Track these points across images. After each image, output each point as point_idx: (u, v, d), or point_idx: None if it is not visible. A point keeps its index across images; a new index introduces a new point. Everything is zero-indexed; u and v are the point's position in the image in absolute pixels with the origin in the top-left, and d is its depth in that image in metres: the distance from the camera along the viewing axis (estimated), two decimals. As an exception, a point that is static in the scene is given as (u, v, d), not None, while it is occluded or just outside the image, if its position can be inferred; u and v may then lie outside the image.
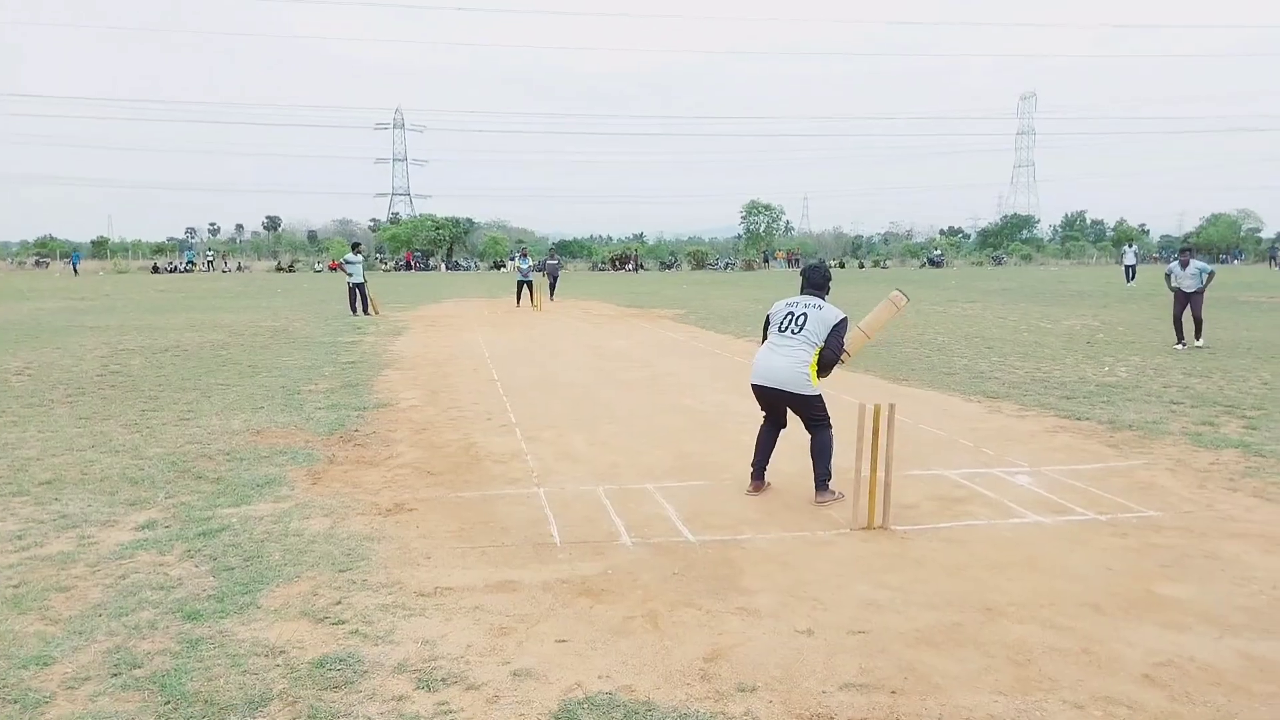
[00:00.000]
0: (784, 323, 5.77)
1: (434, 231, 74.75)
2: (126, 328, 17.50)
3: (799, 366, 5.63)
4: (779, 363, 5.68)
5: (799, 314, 5.74)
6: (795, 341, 5.67)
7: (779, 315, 5.83)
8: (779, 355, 5.70)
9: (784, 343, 5.71)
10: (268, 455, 6.83)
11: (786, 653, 3.55)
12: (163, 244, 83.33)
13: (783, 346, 5.71)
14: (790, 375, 5.63)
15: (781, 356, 5.68)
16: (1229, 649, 3.61)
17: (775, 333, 5.80)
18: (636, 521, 5.27)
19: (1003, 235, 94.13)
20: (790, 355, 5.65)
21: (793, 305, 5.82)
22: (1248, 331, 16.31)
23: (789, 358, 5.66)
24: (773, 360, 5.72)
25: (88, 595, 4.13)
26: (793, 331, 5.70)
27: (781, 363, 5.67)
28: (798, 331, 5.68)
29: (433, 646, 3.61)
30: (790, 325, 5.73)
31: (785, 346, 5.70)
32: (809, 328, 5.67)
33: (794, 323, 5.72)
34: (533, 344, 15.22)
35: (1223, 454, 6.87)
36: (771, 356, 5.74)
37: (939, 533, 5.10)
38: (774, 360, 5.71)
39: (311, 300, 27.61)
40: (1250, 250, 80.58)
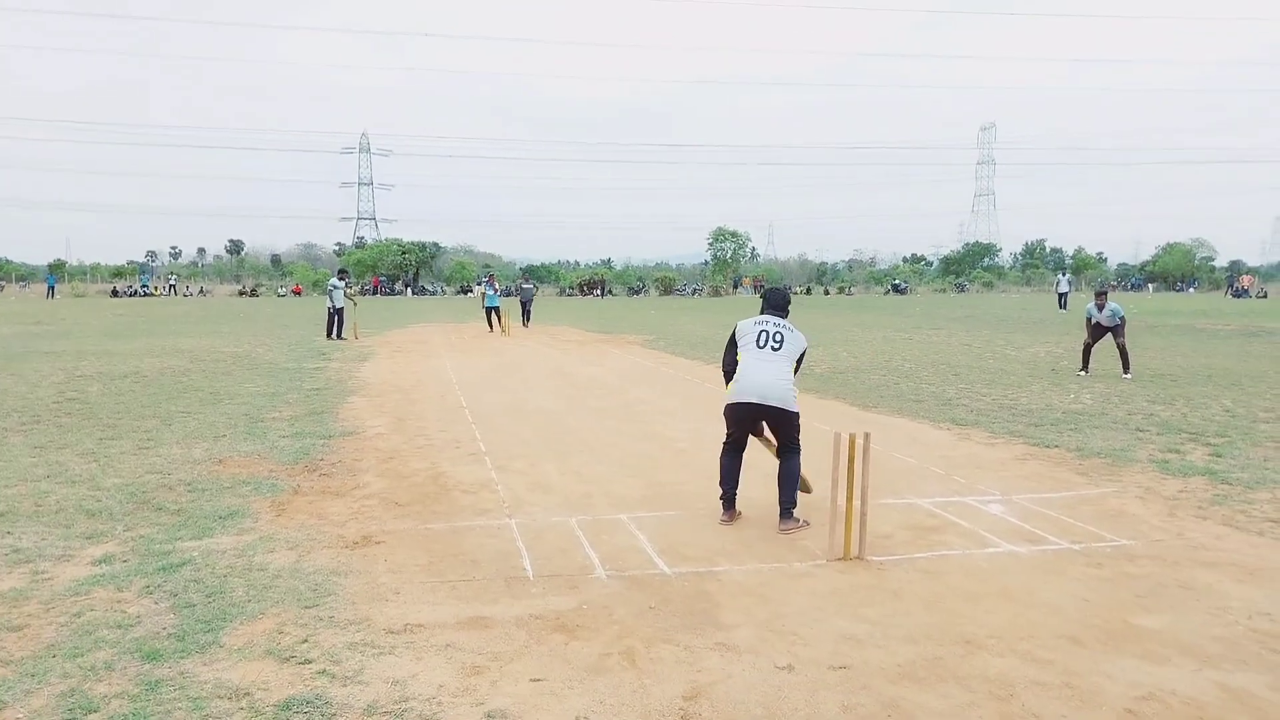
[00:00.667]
0: (760, 339, 5.77)
1: (400, 256, 74.38)
2: (84, 353, 17.12)
3: (786, 383, 5.66)
4: (768, 379, 5.65)
5: (774, 332, 5.76)
6: (779, 359, 5.70)
7: (750, 333, 5.83)
8: (767, 373, 5.67)
9: (769, 359, 5.70)
10: (230, 486, 6.66)
11: (767, 690, 3.48)
12: (122, 267, 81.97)
13: (769, 363, 5.69)
14: (781, 392, 5.64)
15: (769, 374, 5.66)
16: (1208, 681, 3.59)
17: (754, 349, 5.77)
18: (610, 553, 5.19)
19: (965, 263, 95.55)
20: (778, 372, 5.67)
21: (762, 324, 5.83)
22: (1207, 359, 16.60)
23: (777, 374, 5.66)
24: (767, 379, 5.66)
25: (41, 634, 3.96)
26: (773, 348, 5.71)
27: (770, 379, 5.65)
28: (778, 348, 5.71)
29: (403, 687, 3.49)
30: (769, 342, 5.74)
31: (771, 363, 5.69)
32: (786, 348, 5.73)
33: (771, 340, 5.74)
34: (501, 370, 15.10)
35: (1190, 481, 6.93)
36: (759, 374, 5.68)
37: (915, 563, 5.07)
38: (763, 377, 5.67)
39: (275, 325, 27.25)
40: (1204, 279, 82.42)
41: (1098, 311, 14.08)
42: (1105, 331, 14.11)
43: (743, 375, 5.76)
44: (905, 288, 74.49)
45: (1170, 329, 24.96)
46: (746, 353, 5.81)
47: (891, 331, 24.68)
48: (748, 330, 5.87)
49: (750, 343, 5.82)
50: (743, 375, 5.76)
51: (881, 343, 20.88)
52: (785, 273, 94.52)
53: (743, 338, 5.87)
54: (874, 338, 22.57)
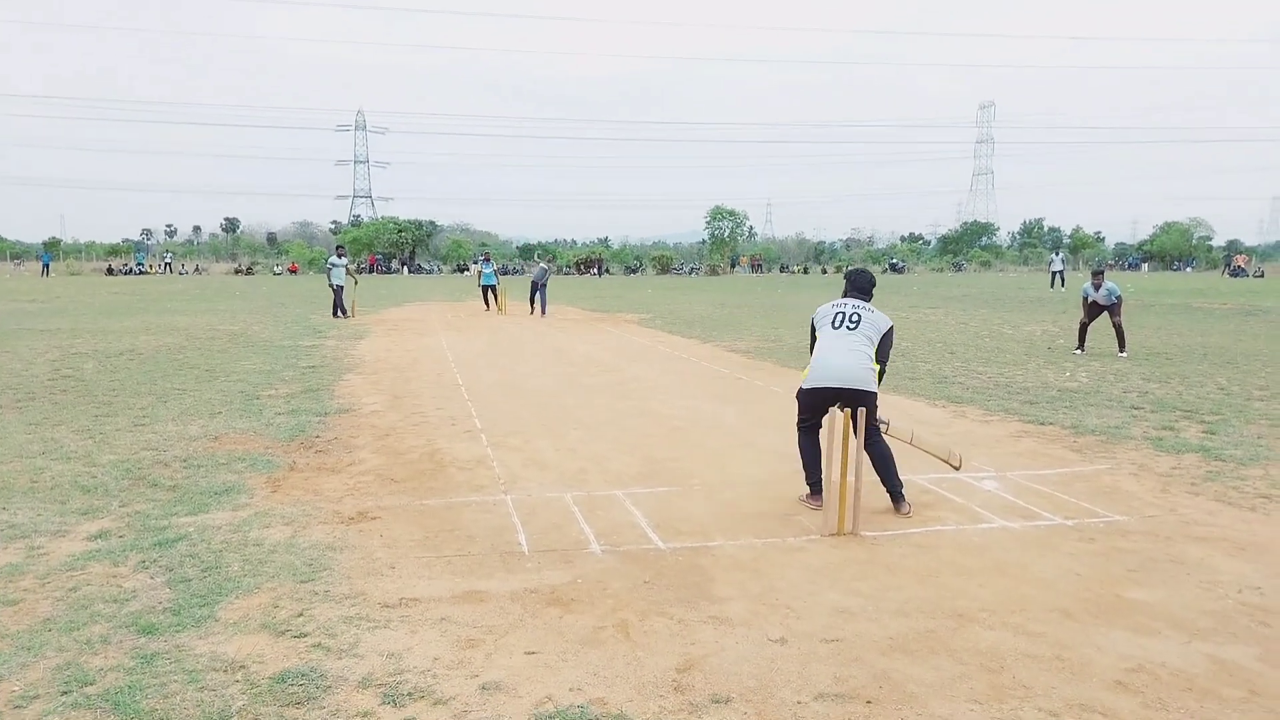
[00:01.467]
0: (836, 321, 5.60)
1: (396, 234, 74.02)
2: (79, 331, 17.08)
3: (866, 363, 5.45)
4: (849, 361, 5.44)
5: (850, 313, 5.59)
6: (857, 339, 5.50)
7: (827, 316, 5.67)
8: (846, 354, 5.46)
9: (847, 340, 5.51)
10: (226, 462, 6.67)
11: (760, 662, 3.50)
12: (117, 245, 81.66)
13: (847, 344, 5.49)
14: (862, 374, 5.42)
15: (848, 355, 5.45)
16: (1198, 654, 3.62)
17: (830, 330, 5.59)
18: (605, 528, 5.20)
19: (962, 242, 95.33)
20: (857, 353, 5.46)
21: (840, 306, 5.67)
22: (1202, 338, 16.62)
23: (856, 354, 5.45)
24: (843, 359, 5.45)
25: (37, 609, 3.97)
26: (848, 328, 5.54)
27: (851, 361, 5.44)
28: (854, 328, 5.53)
29: (398, 660, 3.51)
30: (845, 323, 5.56)
31: (850, 344, 5.49)
32: (864, 327, 5.53)
33: (848, 320, 5.56)
34: (497, 348, 15.09)
35: (1184, 458, 6.95)
36: (838, 356, 5.47)
37: (909, 538, 5.09)
38: (843, 359, 5.45)
39: (271, 303, 27.18)
40: (1202, 258, 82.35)
41: (1094, 290, 14.09)
42: (1102, 310, 14.12)
43: (818, 358, 5.57)
44: (903, 267, 74.36)
45: (1166, 308, 24.97)
46: (823, 334, 5.64)
47: (888, 310, 24.61)
48: (825, 313, 5.71)
49: (826, 324, 5.65)
50: (818, 358, 5.57)
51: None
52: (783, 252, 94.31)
53: (820, 321, 5.71)
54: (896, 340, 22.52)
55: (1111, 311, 13.95)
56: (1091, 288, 14.16)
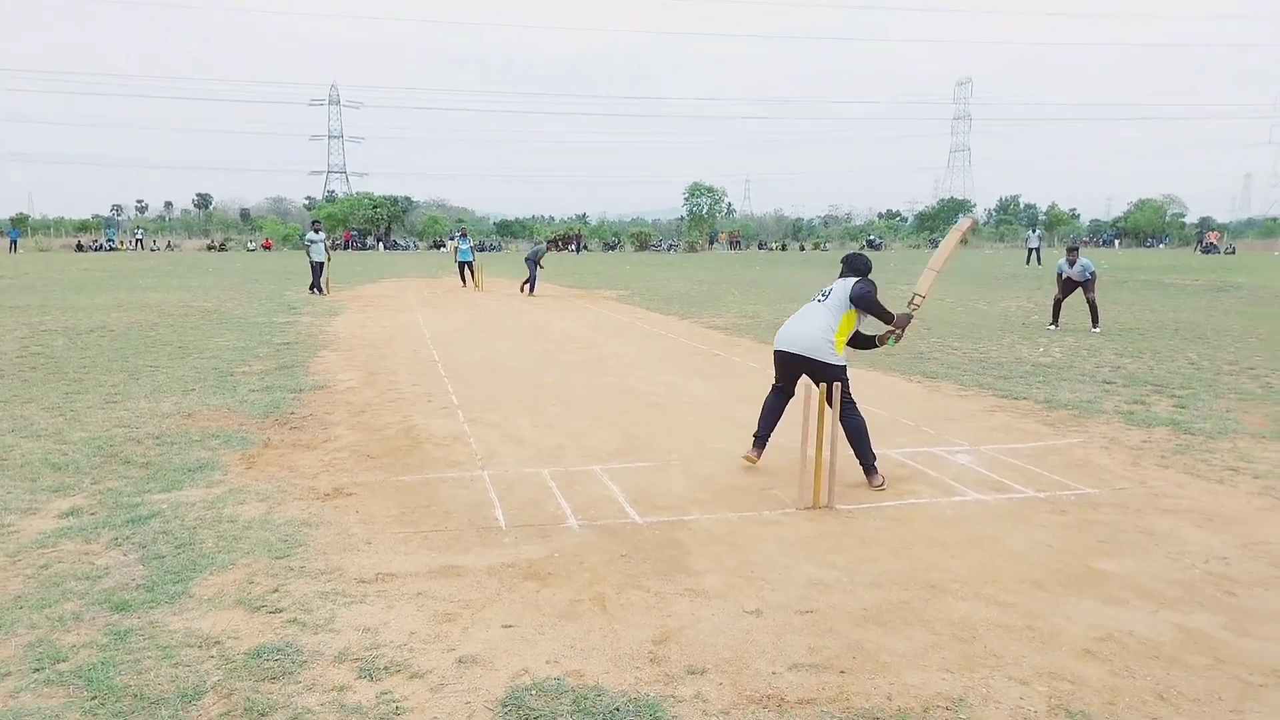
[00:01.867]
0: (818, 296, 5.81)
1: (371, 210, 73.38)
2: (49, 307, 16.83)
3: (822, 333, 5.58)
4: (803, 329, 5.68)
5: (828, 289, 5.79)
6: (819, 309, 5.69)
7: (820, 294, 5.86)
8: (803, 321, 5.72)
9: (809, 310, 5.77)
10: (200, 439, 6.61)
11: (735, 634, 3.53)
12: (87, 221, 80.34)
13: (808, 312, 5.76)
14: (812, 342, 5.58)
15: (805, 322, 5.70)
16: (1165, 622, 3.68)
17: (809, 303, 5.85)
18: (583, 503, 5.21)
19: (939, 218, 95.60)
20: (813, 322, 5.65)
21: (825, 287, 5.86)
22: (1174, 313, 16.82)
23: (811, 323, 5.65)
24: (799, 326, 5.72)
25: (7, 586, 3.93)
26: (819, 300, 5.75)
27: (804, 329, 5.66)
28: (824, 299, 5.72)
29: (374, 634, 3.51)
30: (817, 296, 5.81)
31: (811, 312, 5.73)
32: (831, 300, 5.69)
33: (820, 293, 5.80)
34: (474, 325, 15.02)
35: (1154, 432, 7.05)
36: (796, 323, 5.77)
37: (883, 511, 5.14)
38: (799, 326, 5.72)
39: (244, 280, 26.90)
40: (1175, 234, 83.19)
41: (1069, 267, 14.21)
42: (1076, 286, 14.24)
43: (784, 325, 5.88)
44: (880, 244, 74.59)
45: (1139, 284, 25.23)
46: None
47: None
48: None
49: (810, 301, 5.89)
50: (784, 325, 5.88)
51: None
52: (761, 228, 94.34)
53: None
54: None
55: (1085, 287, 14.07)
56: (1066, 264, 14.28)
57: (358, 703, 3.00)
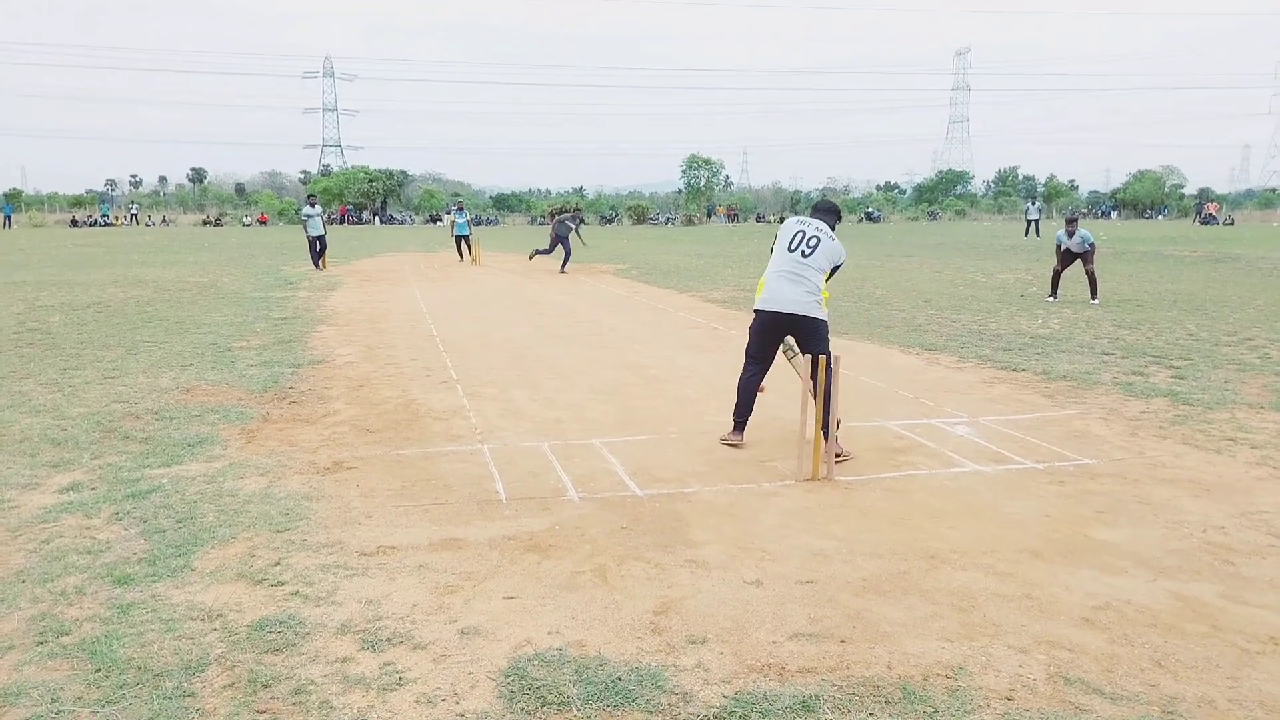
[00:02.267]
0: (795, 241, 5.73)
1: (367, 184, 72.90)
2: (44, 283, 16.77)
3: (813, 294, 5.64)
4: (794, 291, 5.65)
5: (810, 235, 5.71)
6: (807, 269, 5.65)
7: (789, 232, 5.80)
8: (792, 284, 5.66)
9: (796, 268, 5.68)
10: (199, 414, 6.61)
11: (736, 604, 3.55)
12: (81, 196, 79.87)
13: (795, 273, 5.67)
14: (805, 301, 5.63)
15: (795, 285, 5.65)
16: (1163, 591, 3.71)
17: (785, 253, 5.73)
18: (583, 476, 5.22)
19: (938, 191, 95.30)
20: (804, 284, 5.64)
21: (803, 225, 5.80)
22: (1173, 284, 16.80)
23: (802, 286, 5.64)
24: (787, 289, 5.67)
25: (9, 561, 3.94)
26: (804, 253, 5.68)
27: (796, 291, 5.65)
28: (809, 254, 5.67)
29: (377, 606, 3.52)
30: (802, 245, 5.70)
31: (798, 274, 5.67)
32: (818, 256, 5.68)
33: (805, 243, 5.70)
34: (472, 299, 14.99)
35: (1152, 403, 7.06)
36: (786, 285, 5.68)
37: (882, 483, 5.15)
38: (789, 289, 5.67)
39: (240, 255, 26.79)
40: (1174, 206, 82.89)
41: (1067, 238, 14.17)
42: (1075, 258, 14.21)
43: (770, 282, 5.77)
44: (878, 216, 74.30)
45: (1138, 255, 25.19)
46: (779, 253, 5.79)
47: (864, 259, 24.69)
48: (788, 228, 5.86)
49: (784, 244, 5.78)
50: (770, 282, 5.77)
51: (854, 270, 20.91)
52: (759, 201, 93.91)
53: (781, 236, 5.85)
54: (846, 265, 22.59)
55: (1084, 259, 14.04)
56: (1065, 235, 14.24)
57: (361, 674, 3.02)
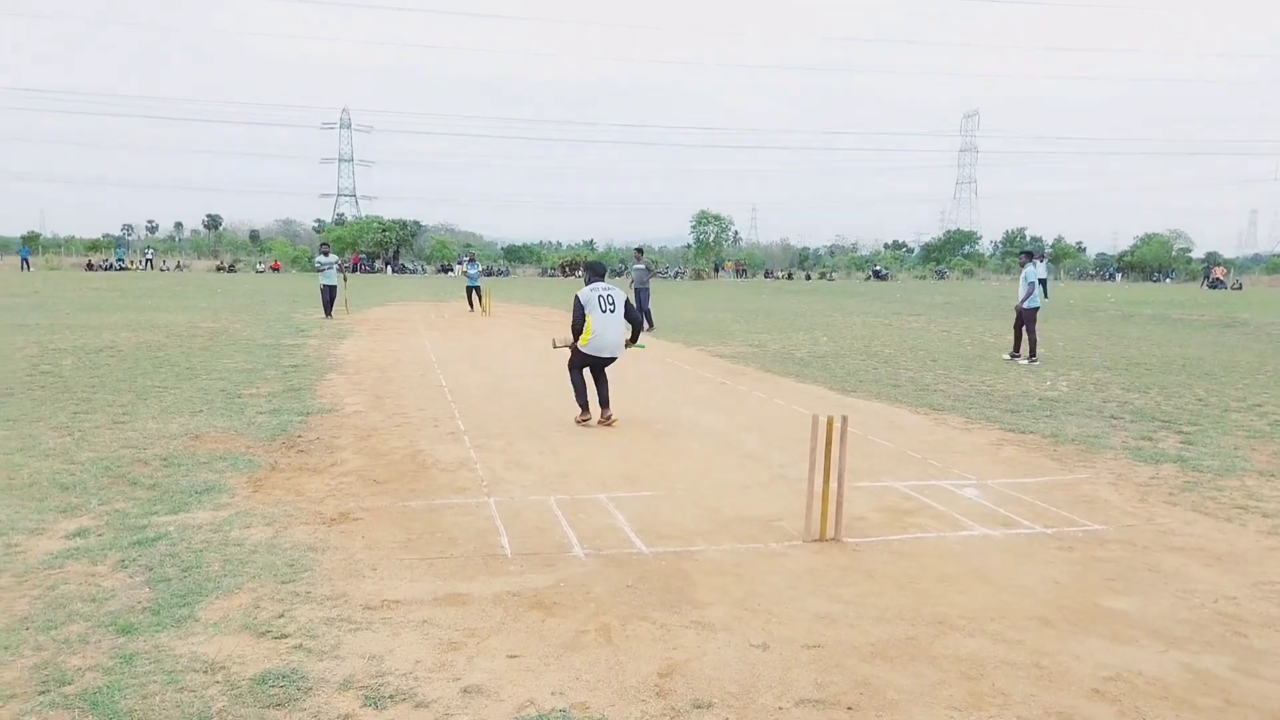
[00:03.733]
0: (602, 305, 8.25)
1: (380, 234, 73.73)
2: (58, 326, 16.92)
3: (625, 335, 8.47)
4: (617, 340, 8.39)
5: (607, 296, 8.29)
6: (618, 319, 8.33)
7: (593, 301, 8.24)
8: (616, 334, 8.35)
9: (614, 321, 8.31)
10: (207, 461, 6.63)
11: (741, 668, 3.52)
12: (98, 240, 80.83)
13: (616, 326, 8.33)
14: (623, 344, 8.50)
15: (617, 334, 8.36)
16: (1174, 662, 3.66)
17: (599, 313, 8.23)
18: (588, 532, 5.21)
19: (945, 250, 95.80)
20: (620, 330, 8.39)
21: (597, 290, 8.30)
22: (1181, 349, 16.80)
23: (620, 332, 8.39)
24: (615, 337, 8.35)
25: (14, 607, 3.94)
26: (610, 311, 8.28)
27: (618, 339, 8.40)
28: (614, 311, 8.30)
29: (380, 662, 3.50)
30: (607, 306, 8.27)
31: (616, 325, 8.33)
32: (618, 309, 8.33)
33: (609, 303, 8.27)
34: (480, 350, 15.06)
35: (1162, 468, 7.03)
36: (612, 334, 8.31)
37: (889, 545, 5.12)
38: (615, 337, 8.35)
39: (253, 301, 27.01)
40: (1181, 269, 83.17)
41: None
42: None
43: (598, 335, 8.24)
44: (886, 274, 74.71)
45: (1146, 318, 25.21)
46: (594, 315, 8.22)
47: (871, 317, 24.78)
48: (590, 299, 8.25)
49: (595, 308, 8.23)
50: (598, 335, 8.24)
51: (861, 328, 20.98)
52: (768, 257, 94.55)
53: (589, 306, 8.23)
54: (854, 323, 22.68)
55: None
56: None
57: (362, 731, 2.99)
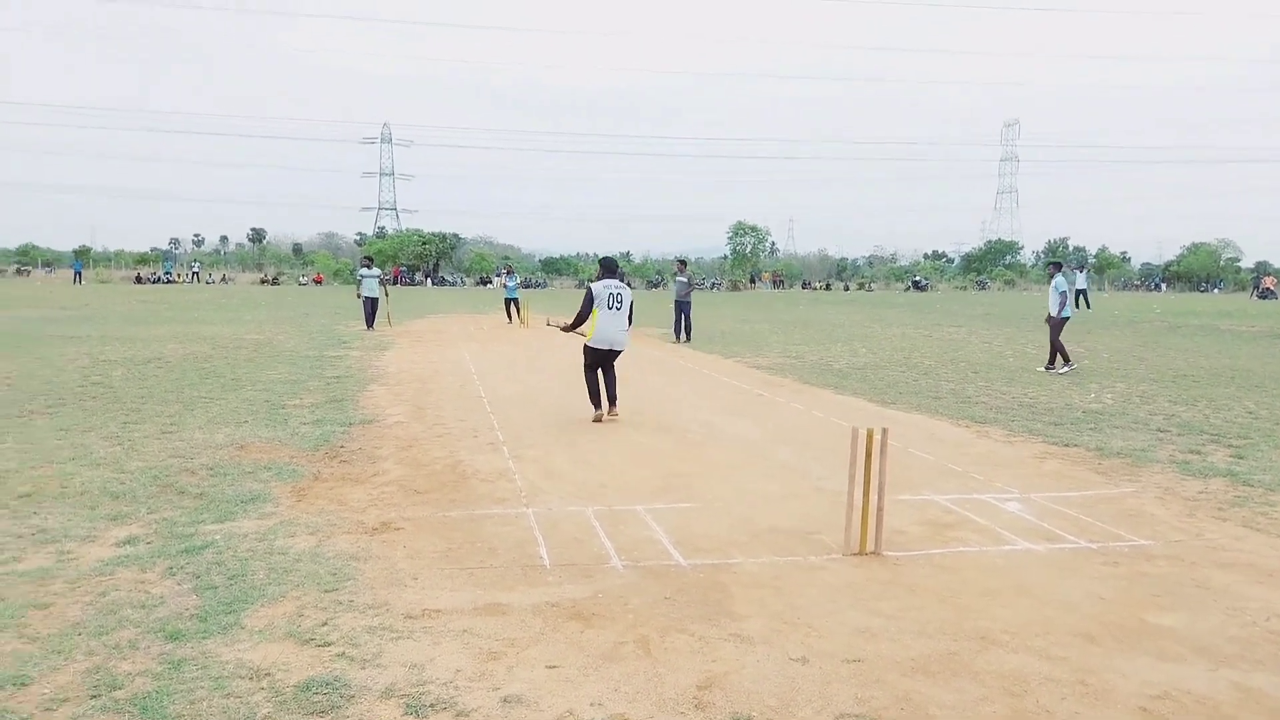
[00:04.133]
0: (609, 302, 8.91)
1: (420, 246, 74.65)
2: (108, 338, 17.32)
3: (627, 330, 9.11)
4: (620, 336, 9.06)
5: (615, 294, 8.95)
6: (622, 317, 9.01)
7: (602, 297, 8.89)
8: (618, 329, 9.02)
9: (618, 318, 9.00)
10: (252, 470, 6.74)
11: (781, 681, 3.50)
12: (146, 254, 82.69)
13: (618, 322, 9.00)
14: (625, 339, 9.18)
15: (619, 330, 9.03)
16: (1224, 681, 3.59)
17: (606, 310, 8.91)
18: (626, 543, 5.22)
19: (986, 260, 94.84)
20: (623, 327, 9.06)
21: (609, 287, 8.94)
22: (1230, 360, 16.45)
23: (622, 328, 9.05)
24: (617, 334, 9.02)
25: (66, 613, 4.04)
26: (616, 309, 8.96)
27: (621, 336, 9.07)
28: (619, 308, 8.98)
29: (421, 671, 3.54)
30: (614, 304, 8.93)
31: (619, 322, 9.01)
32: (624, 306, 9.02)
33: (615, 301, 8.94)
34: (519, 361, 15.16)
35: (1211, 482, 6.89)
36: (614, 330, 8.99)
37: (930, 559, 5.07)
38: (617, 334, 9.03)
39: (296, 313, 27.45)
40: (1229, 279, 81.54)
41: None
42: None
43: (601, 329, 8.95)
44: (926, 284, 74.15)
45: (1193, 329, 24.73)
46: (601, 311, 8.91)
47: (911, 328, 24.57)
48: (601, 294, 8.90)
49: (603, 305, 8.90)
50: (601, 329, 8.95)
51: (901, 339, 20.81)
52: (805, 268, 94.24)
53: (598, 301, 8.89)
54: (893, 334, 22.50)
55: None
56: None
57: (404, 739, 3.02)
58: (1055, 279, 14.39)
